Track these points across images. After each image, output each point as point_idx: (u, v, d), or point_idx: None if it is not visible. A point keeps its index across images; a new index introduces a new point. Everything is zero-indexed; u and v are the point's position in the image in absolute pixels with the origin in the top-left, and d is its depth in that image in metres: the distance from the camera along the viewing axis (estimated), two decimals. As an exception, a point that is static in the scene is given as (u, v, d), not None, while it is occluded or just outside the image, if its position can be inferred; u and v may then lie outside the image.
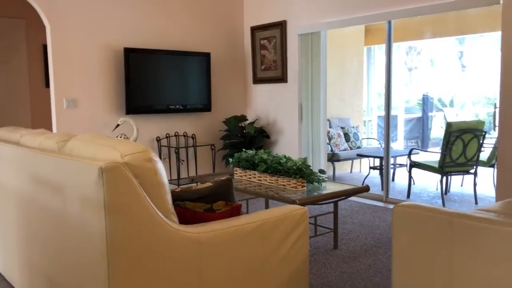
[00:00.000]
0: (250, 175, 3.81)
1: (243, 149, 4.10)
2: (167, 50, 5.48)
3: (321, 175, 3.65)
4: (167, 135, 5.63)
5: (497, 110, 4.47)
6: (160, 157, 5.53)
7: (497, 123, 4.25)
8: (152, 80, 5.39)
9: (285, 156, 3.63)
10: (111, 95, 5.21)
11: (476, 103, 10.73)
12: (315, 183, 3.54)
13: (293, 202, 3.06)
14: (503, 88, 3.91)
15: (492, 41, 9.18)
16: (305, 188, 3.47)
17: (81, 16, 4.95)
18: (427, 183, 6.14)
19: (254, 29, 6.07)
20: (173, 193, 2.11)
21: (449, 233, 1.87)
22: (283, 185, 3.53)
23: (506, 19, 3.85)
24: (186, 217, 2.07)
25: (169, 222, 1.89)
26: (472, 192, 5.24)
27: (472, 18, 6.88)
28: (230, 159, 4.02)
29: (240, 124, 5.86)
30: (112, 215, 1.75)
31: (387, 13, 4.75)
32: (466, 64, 10.56)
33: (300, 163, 3.48)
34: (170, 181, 5.48)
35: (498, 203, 3.06)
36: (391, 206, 4.70)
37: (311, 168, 3.53)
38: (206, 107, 5.82)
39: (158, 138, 5.56)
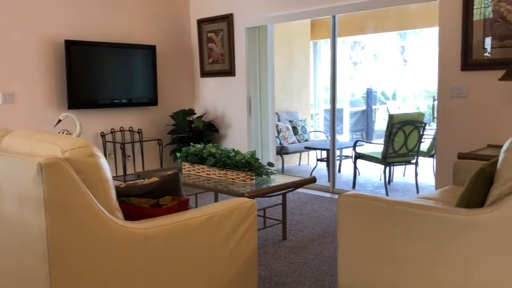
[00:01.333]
0: (198, 169, 3.78)
1: (191, 144, 4.06)
2: (110, 43, 5.32)
3: (270, 168, 3.68)
4: (112, 130, 5.48)
5: (436, 102, 4.68)
6: (105, 153, 5.37)
7: (436, 115, 4.45)
8: (95, 74, 5.22)
9: (234, 150, 3.63)
10: (52, 90, 5.01)
11: (417, 96, 11.19)
12: (264, 176, 3.57)
13: (241, 195, 3.07)
14: (441, 82, 4.10)
15: (431, 36, 9.58)
16: (254, 181, 3.49)
17: (18, 5, 4.70)
18: (372, 174, 6.34)
19: (200, 22, 6.01)
20: (117, 189, 2.06)
21: (391, 220, 1.94)
22: (232, 178, 3.53)
23: (443, 15, 4.03)
24: (131, 214, 2.03)
25: (114, 218, 1.84)
26: (414, 182, 5.47)
27: (412, 14, 7.14)
28: (178, 154, 3.97)
29: (188, 118, 5.80)
30: (53, 213, 1.68)
31: (331, 7, 4.85)
32: (407, 58, 10.97)
33: (249, 156, 3.50)
34: (116, 177, 5.35)
35: (437, 191, 3.22)
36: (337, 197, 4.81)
37: (260, 161, 3.55)
38: (153, 101, 5.71)
39: (102, 134, 5.40)
